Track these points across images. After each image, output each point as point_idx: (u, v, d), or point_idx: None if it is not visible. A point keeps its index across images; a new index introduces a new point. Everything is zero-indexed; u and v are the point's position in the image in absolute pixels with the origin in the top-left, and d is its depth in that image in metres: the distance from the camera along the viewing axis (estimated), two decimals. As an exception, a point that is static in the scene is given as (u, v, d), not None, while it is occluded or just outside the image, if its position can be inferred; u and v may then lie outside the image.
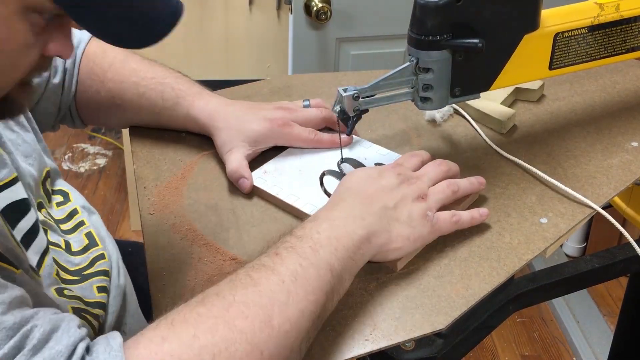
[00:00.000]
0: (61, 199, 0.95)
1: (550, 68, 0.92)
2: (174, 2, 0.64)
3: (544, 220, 0.87)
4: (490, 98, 1.04)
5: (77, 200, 0.97)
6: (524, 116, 1.07)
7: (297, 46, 1.73)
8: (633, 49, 0.96)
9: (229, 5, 2.01)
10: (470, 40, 0.82)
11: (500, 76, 0.89)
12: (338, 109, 0.89)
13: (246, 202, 0.91)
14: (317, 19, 1.65)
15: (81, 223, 0.94)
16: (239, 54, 2.09)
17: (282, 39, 2.01)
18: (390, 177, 0.81)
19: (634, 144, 1.00)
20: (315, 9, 1.64)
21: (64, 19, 0.62)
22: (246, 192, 0.91)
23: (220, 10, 2.01)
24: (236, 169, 0.92)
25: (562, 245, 2.25)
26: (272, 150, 0.97)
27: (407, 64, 0.85)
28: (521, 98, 1.11)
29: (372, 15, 1.72)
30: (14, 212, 0.79)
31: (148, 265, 0.82)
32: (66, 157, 2.80)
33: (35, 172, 0.88)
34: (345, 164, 0.94)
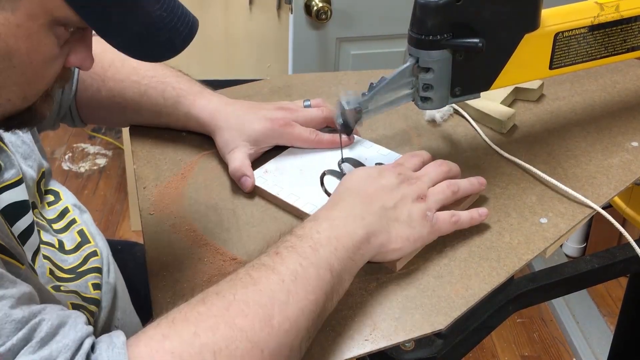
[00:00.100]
0: (52, 198, 0.95)
1: (551, 68, 0.92)
2: (191, 18, 0.66)
3: (544, 220, 0.87)
4: (490, 98, 1.04)
5: (68, 199, 0.97)
6: (524, 116, 1.07)
7: (297, 46, 1.73)
8: (633, 49, 0.96)
9: (229, 5, 2.01)
10: (470, 40, 0.82)
11: (501, 76, 0.89)
12: (340, 121, 0.90)
13: (246, 202, 0.91)
14: (317, 18, 1.65)
15: (73, 221, 0.95)
16: (239, 53, 2.09)
17: (282, 38, 2.01)
18: (390, 177, 0.81)
19: (634, 143, 1.00)
20: (315, 8, 1.64)
21: (86, 32, 0.64)
22: (248, 191, 0.92)
23: (220, 10, 2.01)
24: (239, 167, 0.92)
25: (562, 246, 2.25)
26: (273, 150, 0.97)
27: (405, 65, 0.85)
28: (520, 98, 1.11)
29: (372, 15, 1.71)
30: (14, 212, 0.79)
31: (148, 266, 0.82)
32: (66, 157, 2.80)
33: (34, 173, 0.88)
34: (345, 164, 0.94)
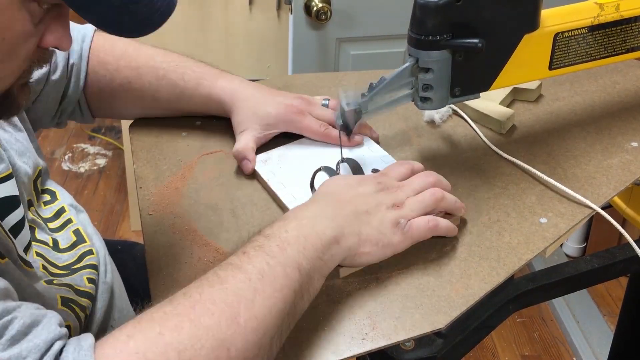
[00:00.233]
0: (49, 197, 0.95)
1: (550, 68, 0.92)
2: None
3: (543, 220, 0.87)
4: (489, 98, 1.04)
5: (65, 199, 0.97)
6: (523, 116, 1.07)
7: (297, 46, 1.73)
8: (633, 49, 0.96)
9: (229, 5, 2.01)
10: (470, 40, 0.82)
11: (500, 76, 0.89)
12: (340, 122, 0.91)
13: (246, 202, 0.91)
14: (317, 19, 1.65)
15: (69, 221, 0.95)
16: (238, 53, 2.09)
17: (282, 39, 2.00)
18: (369, 186, 0.81)
19: (634, 144, 1.00)
20: (315, 9, 1.64)
21: (62, 10, 0.63)
22: (247, 174, 0.94)
23: (220, 10, 2.01)
24: (242, 149, 0.94)
25: (562, 245, 2.25)
26: (286, 139, 0.98)
27: (404, 65, 0.85)
28: (519, 98, 1.11)
29: (372, 15, 1.71)
30: (3, 207, 0.79)
31: (148, 265, 0.82)
32: (66, 157, 2.80)
33: (30, 170, 0.88)
34: (343, 164, 0.94)
